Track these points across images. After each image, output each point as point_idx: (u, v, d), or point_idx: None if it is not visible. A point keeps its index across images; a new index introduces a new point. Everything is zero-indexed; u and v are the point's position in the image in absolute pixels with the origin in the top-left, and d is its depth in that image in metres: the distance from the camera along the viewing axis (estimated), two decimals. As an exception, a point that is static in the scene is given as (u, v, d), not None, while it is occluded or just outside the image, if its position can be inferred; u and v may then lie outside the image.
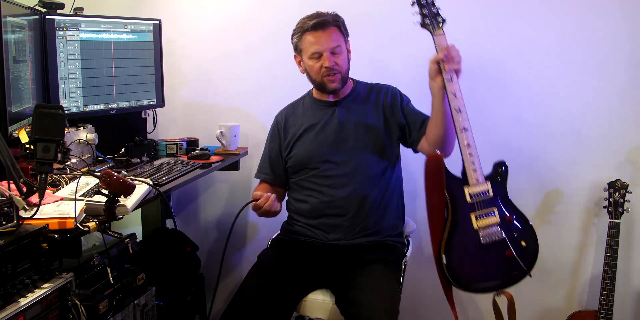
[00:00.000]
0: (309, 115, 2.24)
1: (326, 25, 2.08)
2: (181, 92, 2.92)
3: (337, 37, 2.10)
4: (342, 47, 2.11)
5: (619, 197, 2.42)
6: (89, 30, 2.33)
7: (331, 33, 2.09)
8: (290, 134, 2.25)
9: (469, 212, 1.94)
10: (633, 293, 2.62)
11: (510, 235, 1.98)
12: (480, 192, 1.94)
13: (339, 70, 2.11)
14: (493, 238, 1.95)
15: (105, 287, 1.89)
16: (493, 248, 1.96)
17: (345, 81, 2.17)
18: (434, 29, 1.93)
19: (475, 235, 1.94)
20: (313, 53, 2.10)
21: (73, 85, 2.28)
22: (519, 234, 2.00)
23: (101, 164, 2.35)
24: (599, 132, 2.55)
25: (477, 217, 1.94)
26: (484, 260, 1.97)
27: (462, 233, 1.95)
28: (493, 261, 1.97)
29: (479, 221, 1.94)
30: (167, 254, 2.58)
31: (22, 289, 1.40)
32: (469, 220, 1.94)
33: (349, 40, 2.18)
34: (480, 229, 1.94)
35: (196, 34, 2.88)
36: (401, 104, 2.21)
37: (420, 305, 2.86)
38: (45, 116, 1.48)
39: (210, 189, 3.02)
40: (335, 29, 2.10)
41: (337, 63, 2.10)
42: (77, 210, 1.57)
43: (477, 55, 2.62)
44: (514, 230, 1.99)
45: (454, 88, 1.90)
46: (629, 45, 2.48)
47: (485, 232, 1.94)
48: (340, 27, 2.12)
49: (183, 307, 2.53)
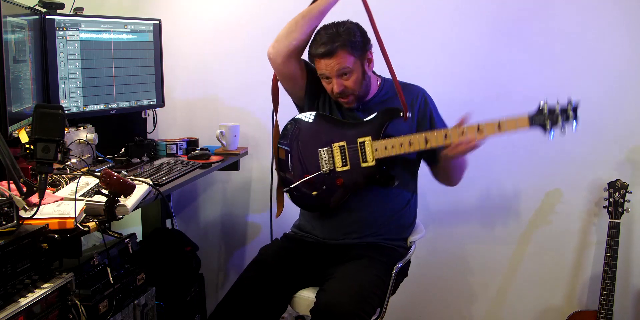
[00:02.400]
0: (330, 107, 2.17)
1: (333, 53, 1.97)
2: (181, 92, 2.92)
3: (345, 60, 1.98)
4: (353, 68, 2.00)
5: (619, 197, 2.42)
6: (89, 30, 2.33)
7: (337, 59, 1.97)
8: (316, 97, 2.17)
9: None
10: (633, 293, 2.62)
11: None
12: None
13: (351, 92, 2.04)
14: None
15: (105, 287, 1.89)
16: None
17: (363, 97, 2.09)
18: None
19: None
20: (321, 74, 2.04)
21: (73, 85, 2.28)
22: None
23: (101, 164, 2.35)
24: (599, 132, 2.55)
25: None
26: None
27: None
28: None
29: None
30: (167, 254, 2.58)
31: (22, 289, 1.39)
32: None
33: (369, 50, 2.04)
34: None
35: (196, 34, 2.88)
36: (430, 116, 2.13)
37: (421, 306, 2.87)
38: (45, 116, 1.48)
39: (210, 189, 3.02)
40: (343, 53, 1.97)
41: (346, 86, 2.01)
42: (77, 210, 1.57)
43: (478, 54, 2.63)
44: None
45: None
46: (629, 45, 2.48)
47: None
48: (350, 49, 1.97)
49: (183, 307, 2.53)
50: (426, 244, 2.75)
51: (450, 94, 2.65)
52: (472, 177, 2.66)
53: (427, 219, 2.65)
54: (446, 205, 2.72)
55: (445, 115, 2.14)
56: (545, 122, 1.82)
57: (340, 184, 2.03)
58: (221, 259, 3.05)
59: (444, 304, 2.85)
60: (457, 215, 2.75)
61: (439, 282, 2.84)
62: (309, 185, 2.07)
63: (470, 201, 2.73)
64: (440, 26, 2.64)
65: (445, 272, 2.82)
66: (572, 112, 1.81)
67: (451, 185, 2.19)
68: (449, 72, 2.66)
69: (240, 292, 2.03)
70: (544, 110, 1.82)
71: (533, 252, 2.71)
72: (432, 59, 2.67)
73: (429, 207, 2.73)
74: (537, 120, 1.82)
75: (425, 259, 2.78)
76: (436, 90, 2.18)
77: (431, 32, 2.66)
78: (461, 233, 2.77)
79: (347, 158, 2.03)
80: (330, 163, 2.05)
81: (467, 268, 2.80)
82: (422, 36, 2.66)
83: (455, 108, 2.63)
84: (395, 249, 2.14)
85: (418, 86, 2.18)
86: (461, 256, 2.79)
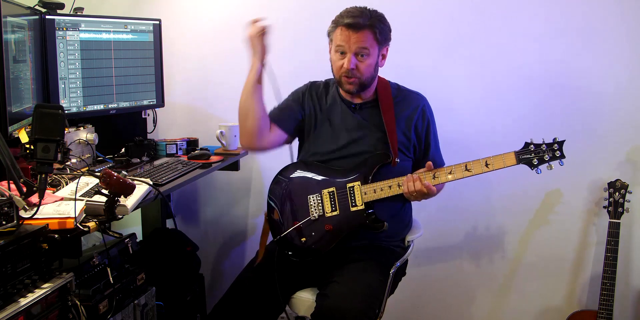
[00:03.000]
0: (332, 111, 2.17)
1: (359, 28, 1.95)
2: (181, 92, 2.92)
3: (368, 41, 1.97)
4: (371, 52, 1.99)
5: (619, 197, 2.42)
6: (89, 30, 2.33)
7: (362, 36, 1.96)
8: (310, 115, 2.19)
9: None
10: (633, 293, 2.62)
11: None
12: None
13: (358, 76, 2.02)
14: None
15: (105, 287, 1.89)
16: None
17: (365, 87, 2.07)
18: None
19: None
20: (338, 46, 2.01)
21: (73, 85, 2.28)
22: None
23: (101, 164, 2.35)
24: (599, 132, 2.55)
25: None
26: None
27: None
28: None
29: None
30: (167, 254, 2.58)
31: (22, 289, 1.40)
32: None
33: (387, 47, 2.05)
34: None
35: (196, 34, 2.88)
36: (426, 134, 2.14)
37: (421, 307, 2.87)
38: (45, 116, 1.48)
39: (210, 189, 3.02)
40: (370, 33, 1.96)
41: (358, 67, 2.00)
42: (77, 210, 1.57)
43: (477, 54, 2.62)
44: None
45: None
46: (628, 45, 2.48)
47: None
48: (377, 32, 1.97)
49: (183, 307, 2.53)
50: (425, 244, 2.75)
51: (450, 94, 2.66)
52: (472, 176, 2.67)
53: (426, 219, 2.65)
54: (445, 205, 2.72)
55: (445, 115, 2.14)
56: (532, 159, 1.90)
57: (329, 230, 2.02)
58: (221, 259, 3.05)
59: (443, 304, 2.85)
60: (456, 214, 2.75)
61: (438, 282, 2.84)
62: (298, 232, 2.07)
63: (470, 201, 2.73)
64: (441, 26, 2.64)
65: (444, 272, 2.82)
66: (557, 147, 1.90)
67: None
68: (449, 72, 2.66)
69: (238, 293, 2.03)
70: (530, 147, 1.90)
71: (533, 252, 2.71)
72: (432, 59, 2.67)
73: (427, 207, 2.73)
74: (524, 157, 1.91)
75: (424, 259, 2.79)
76: (437, 91, 2.18)
77: (432, 33, 2.66)
78: (460, 233, 2.77)
79: (336, 203, 2.04)
80: (320, 209, 2.06)
81: (467, 268, 2.80)
82: (423, 37, 2.67)
83: (456, 108, 2.66)
84: (393, 248, 2.14)
85: (419, 96, 2.17)
86: (460, 256, 2.79)
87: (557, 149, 1.90)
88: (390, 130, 2.06)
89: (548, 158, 1.89)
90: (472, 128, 2.66)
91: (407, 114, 2.11)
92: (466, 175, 1.92)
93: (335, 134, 2.13)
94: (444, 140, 2.22)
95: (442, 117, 2.25)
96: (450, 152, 2.23)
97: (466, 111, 2.66)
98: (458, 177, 1.94)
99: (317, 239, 2.04)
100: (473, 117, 2.66)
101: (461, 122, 2.65)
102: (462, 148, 2.57)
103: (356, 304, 1.84)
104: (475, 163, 1.92)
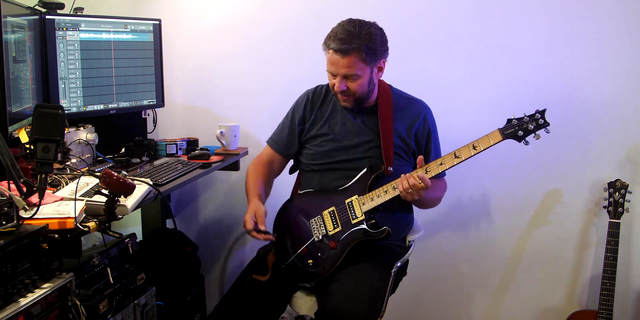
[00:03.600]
0: (332, 117, 2.18)
1: (346, 53, 1.93)
2: (181, 92, 2.92)
3: (356, 64, 1.95)
4: (360, 74, 1.98)
5: (619, 197, 2.42)
6: (89, 30, 2.33)
7: (349, 61, 1.95)
8: (312, 122, 2.21)
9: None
10: (633, 293, 2.62)
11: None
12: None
13: (351, 94, 2.03)
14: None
15: (105, 287, 1.89)
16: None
17: (363, 101, 2.08)
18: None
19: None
20: (328, 68, 2.03)
21: (73, 85, 2.28)
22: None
23: (101, 164, 2.35)
24: (599, 132, 2.55)
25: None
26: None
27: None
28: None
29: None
30: (167, 254, 2.57)
31: (22, 289, 1.39)
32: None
33: (383, 59, 2.03)
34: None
35: (196, 34, 2.88)
36: (427, 142, 2.15)
37: (421, 307, 2.87)
38: (45, 116, 1.48)
39: (210, 189, 3.02)
40: (357, 57, 1.94)
41: (349, 88, 2.01)
42: (77, 210, 1.57)
43: (477, 53, 2.62)
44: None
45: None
46: (630, 45, 2.48)
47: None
48: (365, 53, 1.94)
49: (183, 307, 2.53)
50: (425, 244, 2.75)
51: (450, 95, 2.66)
52: (472, 176, 2.68)
53: (426, 219, 2.65)
54: (446, 205, 2.72)
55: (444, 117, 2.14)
56: (517, 132, 1.89)
57: (334, 247, 2.02)
58: (221, 259, 3.05)
59: (443, 304, 2.85)
60: (456, 214, 2.75)
61: (438, 282, 2.84)
62: (304, 256, 2.06)
63: (470, 201, 2.73)
64: (442, 27, 2.64)
65: (444, 271, 2.82)
66: (539, 116, 1.89)
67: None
68: (449, 73, 2.66)
69: (239, 293, 2.04)
70: (513, 122, 1.90)
71: (533, 252, 2.71)
72: (432, 60, 2.67)
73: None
74: (509, 132, 1.90)
75: (424, 259, 2.79)
76: (436, 92, 2.18)
77: (433, 34, 2.66)
78: (461, 233, 2.77)
79: (337, 220, 2.05)
80: (322, 229, 2.06)
81: (467, 268, 2.80)
82: (424, 38, 2.67)
83: (456, 110, 2.66)
84: (393, 248, 2.15)
85: (421, 104, 2.17)
86: (461, 256, 2.79)
87: (539, 118, 1.89)
88: (385, 138, 2.06)
89: (532, 127, 1.88)
90: (472, 129, 2.65)
91: (408, 121, 2.12)
92: (456, 162, 1.92)
93: (335, 140, 2.14)
94: (444, 142, 2.22)
95: (441, 119, 2.25)
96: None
97: (465, 111, 2.66)
98: (449, 165, 1.93)
99: (324, 258, 2.02)
100: (472, 118, 2.65)
101: (461, 122, 2.64)
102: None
103: (361, 305, 1.85)
104: (464, 148, 1.92)
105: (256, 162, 2.29)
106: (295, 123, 2.23)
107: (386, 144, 2.06)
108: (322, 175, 2.16)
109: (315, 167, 2.18)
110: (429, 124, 2.15)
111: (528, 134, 1.89)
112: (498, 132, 1.91)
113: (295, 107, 2.26)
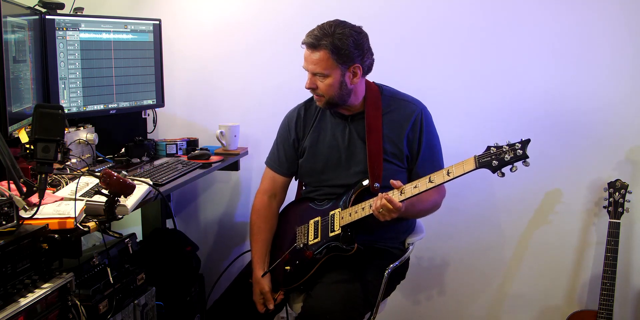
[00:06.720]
0: (323, 128, 2.13)
1: (315, 47, 1.90)
2: (181, 92, 2.92)
3: (323, 62, 1.90)
4: (328, 73, 1.92)
5: (619, 197, 2.42)
6: (89, 30, 2.33)
7: (317, 57, 1.90)
8: (303, 136, 2.17)
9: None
10: (633, 293, 2.62)
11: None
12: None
13: (321, 94, 1.97)
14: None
15: (105, 287, 1.89)
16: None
17: (336, 104, 2.00)
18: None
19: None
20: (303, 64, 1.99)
21: (73, 85, 2.28)
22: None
23: (101, 164, 2.35)
24: (599, 132, 2.55)
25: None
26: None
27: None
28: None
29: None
30: (167, 254, 2.57)
31: (22, 289, 1.40)
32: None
33: (357, 64, 1.94)
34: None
35: (196, 34, 2.88)
36: (419, 147, 2.06)
37: (421, 306, 2.87)
38: (45, 116, 1.48)
39: (210, 189, 3.02)
40: (325, 53, 1.89)
41: (318, 87, 1.95)
42: (77, 210, 1.57)
43: (477, 53, 2.62)
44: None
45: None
46: (630, 46, 2.48)
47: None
48: (333, 53, 1.89)
49: (183, 307, 2.53)
50: (425, 244, 2.75)
51: (450, 98, 2.66)
52: (472, 176, 2.67)
53: (426, 219, 2.65)
54: (445, 205, 2.71)
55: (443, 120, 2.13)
56: (491, 161, 1.71)
57: (309, 256, 2.01)
58: (221, 259, 3.05)
59: (443, 304, 2.85)
60: (457, 214, 2.75)
61: (438, 282, 2.83)
62: (286, 262, 2.06)
63: (470, 201, 2.72)
64: (443, 27, 2.64)
65: (444, 272, 2.82)
66: (519, 146, 1.70)
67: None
68: (449, 75, 2.66)
69: (237, 292, 2.06)
70: (491, 149, 1.73)
71: (533, 252, 2.71)
72: (431, 62, 2.67)
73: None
74: (484, 161, 1.73)
75: (424, 259, 2.79)
76: (436, 94, 2.18)
77: (434, 35, 2.66)
78: (461, 233, 2.77)
79: (318, 231, 2.05)
80: (305, 238, 2.07)
81: (467, 268, 2.79)
82: (422, 39, 2.67)
83: (453, 113, 2.66)
84: (389, 250, 2.13)
85: (414, 104, 2.07)
86: (461, 256, 2.79)
87: (518, 149, 1.69)
88: (372, 154, 2.00)
89: (509, 158, 1.69)
90: (471, 130, 2.66)
91: (398, 125, 2.04)
92: (429, 186, 1.81)
93: (326, 151, 2.10)
94: (443, 144, 2.20)
95: (439, 121, 2.23)
96: (446, 156, 2.19)
97: (463, 115, 2.66)
98: (422, 189, 1.82)
99: (299, 266, 2.03)
100: (472, 120, 2.65)
101: (459, 125, 2.64)
102: (462, 154, 2.55)
103: (335, 306, 1.86)
104: (438, 173, 1.82)
105: (259, 205, 2.18)
106: (290, 144, 2.17)
107: (373, 159, 2.00)
108: (314, 190, 2.18)
109: (306, 180, 2.21)
110: (421, 125, 2.05)
111: (503, 165, 1.70)
112: (473, 159, 1.75)
113: (287, 125, 2.19)
